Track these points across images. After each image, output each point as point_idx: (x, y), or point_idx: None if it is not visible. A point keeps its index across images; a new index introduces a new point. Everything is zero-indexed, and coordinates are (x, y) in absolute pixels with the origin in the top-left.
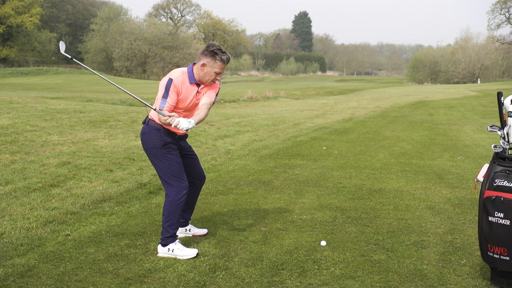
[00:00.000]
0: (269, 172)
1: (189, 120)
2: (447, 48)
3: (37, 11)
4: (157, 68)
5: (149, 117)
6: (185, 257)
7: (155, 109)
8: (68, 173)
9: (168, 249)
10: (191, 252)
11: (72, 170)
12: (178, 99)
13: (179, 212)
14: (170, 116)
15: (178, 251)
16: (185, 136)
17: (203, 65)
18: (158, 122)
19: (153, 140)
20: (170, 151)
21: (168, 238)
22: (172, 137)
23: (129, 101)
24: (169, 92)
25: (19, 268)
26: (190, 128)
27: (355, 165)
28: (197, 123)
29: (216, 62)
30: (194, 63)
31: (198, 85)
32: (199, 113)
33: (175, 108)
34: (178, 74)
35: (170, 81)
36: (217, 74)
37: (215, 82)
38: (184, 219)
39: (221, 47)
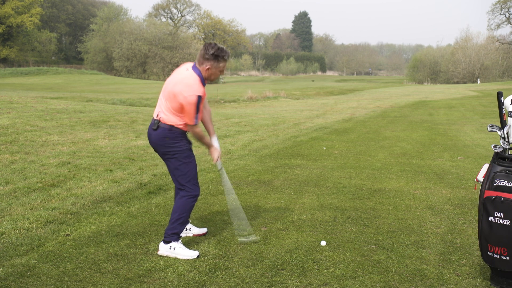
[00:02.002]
0: (269, 172)
1: (218, 146)
2: (447, 48)
3: (37, 11)
4: (157, 68)
5: (161, 121)
6: (185, 257)
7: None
8: (68, 173)
9: (170, 246)
10: (192, 254)
11: (72, 170)
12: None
13: (190, 211)
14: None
15: (179, 249)
16: None
17: (208, 69)
18: (183, 128)
19: (179, 144)
20: (192, 155)
21: (173, 235)
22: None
23: (129, 101)
24: (199, 107)
25: (19, 268)
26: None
27: (355, 165)
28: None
29: (220, 63)
30: (195, 63)
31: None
32: (211, 124)
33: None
34: (199, 87)
35: (199, 98)
36: (221, 71)
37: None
38: None
39: (219, 45)
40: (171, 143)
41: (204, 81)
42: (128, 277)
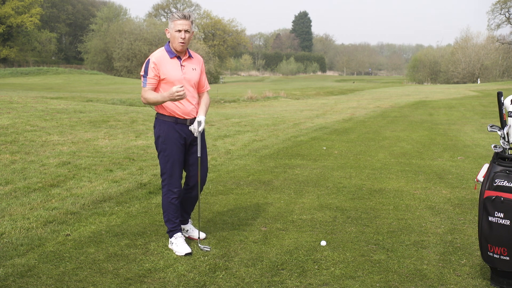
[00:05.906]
0: (269, 172)
1: (198, 120)
2: (447, 48)
3: (37, 11)
4: None
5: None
6: (177, 253)
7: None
8: (68, 173)
9: (171, 242)
10: (182, 250)
11: (72, 170)
12: (161, 75)
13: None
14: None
15: (175, 245)
16: None
17: (167, 31)
18: (162, 112)
19: (159, 131)
20: (170, 148)
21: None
22: None
23: (129, 101)
24: (148, 71)
25: (19, 268)
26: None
27: (355, 165)
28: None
29: (173, 21)
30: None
31: (179, 58)
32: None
33: (165, 83)
34: (156, 53)
35: (148, 61)
36: (180, 31)
37: (183, 43)
38: (183, 218)
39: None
40: (156, 131)
41: (170, 49)
42: (128, 277)
